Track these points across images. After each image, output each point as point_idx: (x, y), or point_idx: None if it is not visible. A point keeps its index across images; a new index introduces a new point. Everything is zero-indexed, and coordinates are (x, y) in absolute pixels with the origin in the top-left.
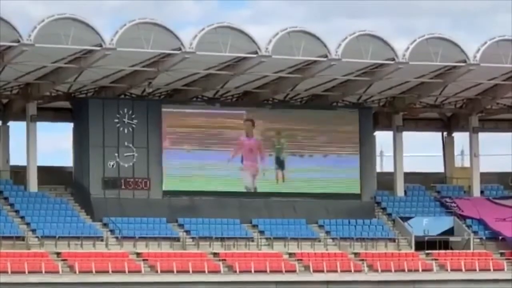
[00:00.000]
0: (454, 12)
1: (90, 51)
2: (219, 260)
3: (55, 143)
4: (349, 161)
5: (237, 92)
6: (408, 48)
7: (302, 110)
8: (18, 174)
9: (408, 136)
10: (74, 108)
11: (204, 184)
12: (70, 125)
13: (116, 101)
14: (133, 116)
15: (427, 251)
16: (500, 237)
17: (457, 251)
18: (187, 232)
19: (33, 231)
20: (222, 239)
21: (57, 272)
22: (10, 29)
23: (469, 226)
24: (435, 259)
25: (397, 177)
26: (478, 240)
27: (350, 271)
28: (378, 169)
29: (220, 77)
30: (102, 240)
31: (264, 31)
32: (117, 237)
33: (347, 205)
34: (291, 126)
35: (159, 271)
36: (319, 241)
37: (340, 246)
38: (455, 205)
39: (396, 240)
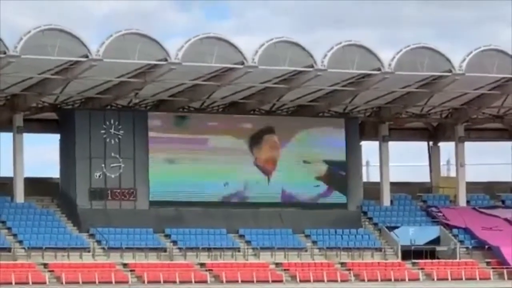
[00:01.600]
0: (439, 23)
1: (76, 62)
2: (206, 270)
3: (41, 154)
4: (336, 170)
5: (223, 102)
6: (394, 58)
7: (288, 120)
8: (5, 185)
9: (394, 146)
10: (61, 119)
11: (191, 194)
12: (57, 136)
13: (103, 112)
14: (120, 127)
15: (413, 261)
16: (487, 246)
17: (444, 260)
18: (174, 242)
19: (20, 242)
20: (209, 249)
21: (44, 283)
22: None
23: (455, 236)
24: (422, 269)
25: (383, 186)
26: (465, 249)
27: (336, 280)
28: (364, 179)
29: (207, 87)
30: (89, 251)
31: (251, 42)
32: (103, 248)
33: (333, 214)
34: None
35: (146, 281)
36: (306, 251)
37: (327, 255)
38: (441, 214)
39: (383, 250)
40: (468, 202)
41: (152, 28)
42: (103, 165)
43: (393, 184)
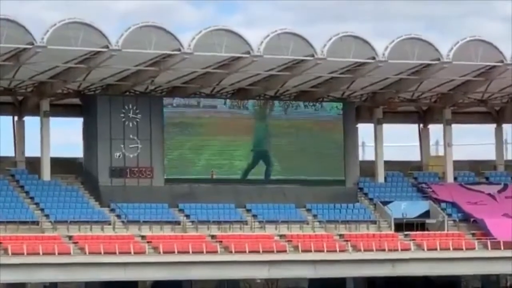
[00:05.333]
0: (428, 16)
1: (98, 52)
2: (216, 241)
3: (66, 136)
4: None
5: (232, 88)
6: (387, 47)
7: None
8: (33, 164)
9: (388, 128)
10: (84, 104)
11: (202, 172)
12: (80, 120)
13: (122, 98)
14: (137, 111)
15: (405, 232)
16: (472, 219)
17: (433, 232)
18: (187, 216)
19: (47, 216)
20: (219, 222)
21: (69, 254)
22: (25, 33)
23: (443, 209)
24: (413, 240)
25: (378, 165)
26: (452, 222)
27: (335, 251)
28: (360, 158)
29: (216, 75)
30: (109, 224)
31: (257, 35)
32: (123, 221)
33: (332, 190)
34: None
35: (161, 252)
36: (307, 223)
37: (326, 228)
38: (430, 190)
39: (377, 222)
40: (455, 178)
41: (167, 22)
42: (122, 146)
43: (386, 162)
